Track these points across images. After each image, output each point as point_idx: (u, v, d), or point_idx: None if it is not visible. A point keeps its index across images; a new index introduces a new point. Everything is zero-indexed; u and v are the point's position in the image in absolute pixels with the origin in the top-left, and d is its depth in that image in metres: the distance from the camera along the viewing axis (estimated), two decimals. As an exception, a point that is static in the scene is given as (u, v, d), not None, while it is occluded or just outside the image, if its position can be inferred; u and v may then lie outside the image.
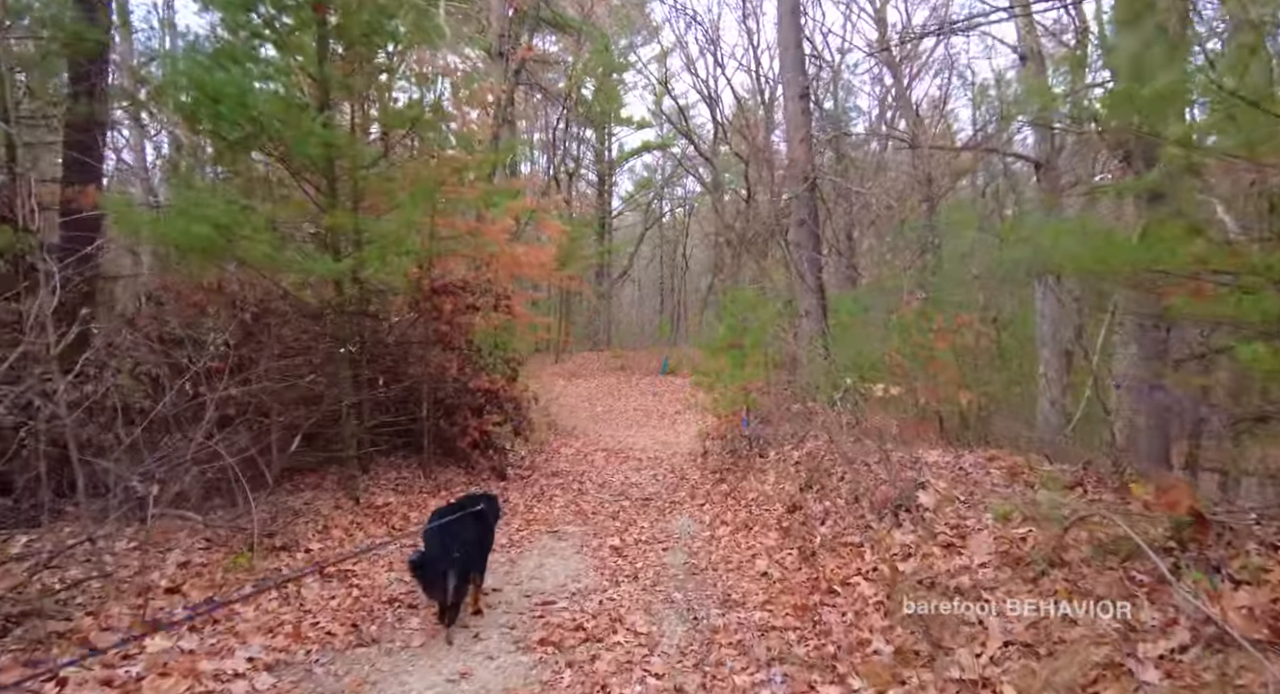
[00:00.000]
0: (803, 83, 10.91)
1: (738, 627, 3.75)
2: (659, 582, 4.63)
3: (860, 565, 4.12)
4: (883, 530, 4.35)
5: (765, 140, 19.00)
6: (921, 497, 4.33)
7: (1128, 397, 6.19)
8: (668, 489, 7.90)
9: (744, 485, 6.95)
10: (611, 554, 5.33)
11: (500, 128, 11.99)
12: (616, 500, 7.36)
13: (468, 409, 7.49)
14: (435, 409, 7.28)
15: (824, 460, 5.95)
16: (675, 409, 15.81)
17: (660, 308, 32.18)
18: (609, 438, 12.76)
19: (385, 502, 6.05)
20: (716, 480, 7.77)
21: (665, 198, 30.59)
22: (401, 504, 6.14)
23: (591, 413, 15.66)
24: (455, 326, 7.27)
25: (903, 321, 6.29)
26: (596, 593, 4.40)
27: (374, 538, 5.27)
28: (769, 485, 6.44)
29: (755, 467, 7.31)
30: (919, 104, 13.92)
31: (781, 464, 6.85)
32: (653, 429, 13.90)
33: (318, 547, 4.86)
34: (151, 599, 3.54)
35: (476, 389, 7.39)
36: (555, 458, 10.13)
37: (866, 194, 10.78)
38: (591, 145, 27.06)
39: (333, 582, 4.29)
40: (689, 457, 10.20)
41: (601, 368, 21.29)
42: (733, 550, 5.22)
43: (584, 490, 7.85)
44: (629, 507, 7.06)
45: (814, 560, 4.52)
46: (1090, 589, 2.74)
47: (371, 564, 4.72)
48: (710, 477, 8.07)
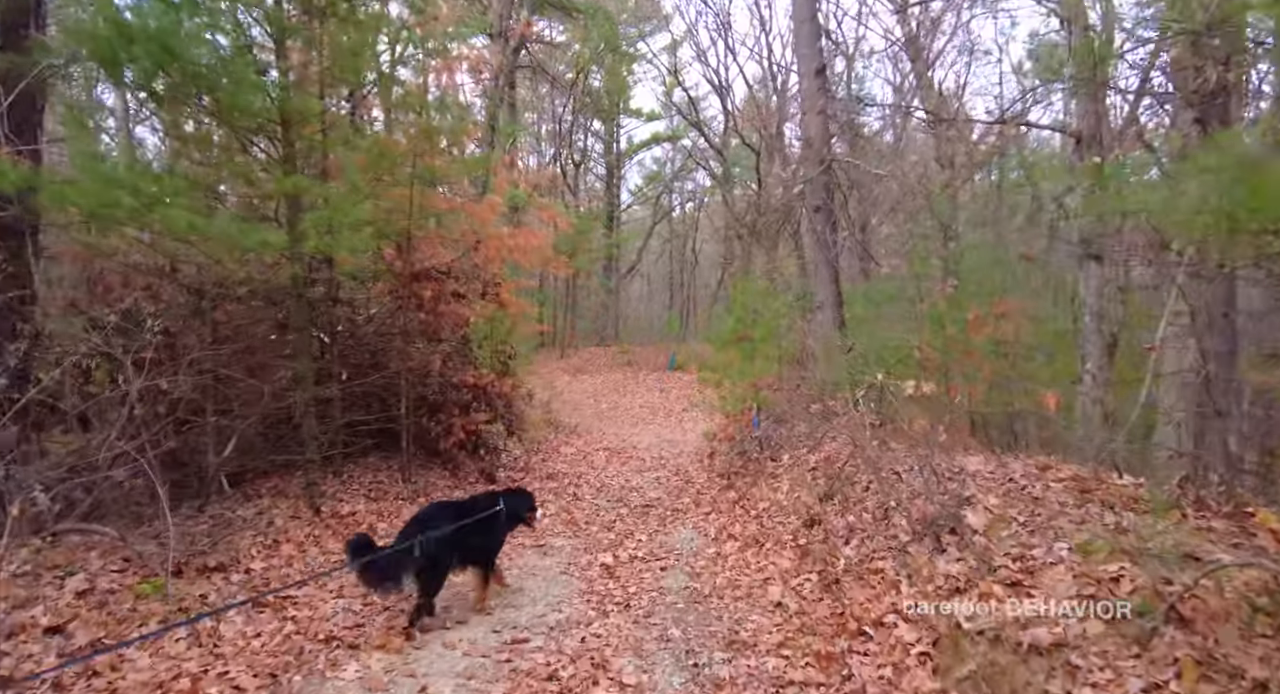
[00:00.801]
0: (819, 59, 10.08)
1: (747, 679, 2.99)
2: (654, 612, 3.88)
3: (896, 600, 3.35)
4: (921, 556, 3.58)
5: (778, 129, 18.15)
6: (969, 516, 3.56)
7: (1189, 395, 5.37)
8: (670, 495, 7.15)
9: (754, 492, 6.18)
10: (602, 575, 4.59)
11: (498, 108, 11.28)
12: (614, 507, 6.62)
13: (453, 406, 6.78)
14: (417, 406, 6.58)
15: (846, 467, 5.17)
16: (682, 406, 15.06)
17: (669, 303, 31.38)
18: (612, 436, 12.03)
19: (352, 511, 5.35)
20: (724, 486, 7.01)
21: (675, 192, 29.77)
22: (371, 513, 5.44)
23: (595, 409, 14.94)
24: (438, 316, 6.55)
25: (935, 311, 5.51)
26: (580, 627, 3.66)
27: (332, 555, 4.57)
28: (782, 494, 5.68)
29: (767, 471, 6.54)
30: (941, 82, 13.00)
31: (796, 469, 6.08)
32: (658, 427, 13.16)
33: (261, 566, 4.16)
34: (22, 642, 2.84)
35: (463, 384, 6.67)
36: (553, 458, 9.41)
37: (887, 176, 9.94)
38: (600, 137, 26.30)
39: (264, 614, 3.58)
40: (695, 457, 9.45)
41: (608, 363, 20.55)
42: (741, 572, 4.47)
43: (579, 496, 7.12)
44: (627, 515, 6.32)
45: (838, 590, 3.76)
46: (1237, 667, 1.97)
47: (319, 587, 4.02)
48: (717, 481, 7.31)
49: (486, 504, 3.93)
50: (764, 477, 6.48)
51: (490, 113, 10.68)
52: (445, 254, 6.73)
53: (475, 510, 3.82)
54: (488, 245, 7.21)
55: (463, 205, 6.76)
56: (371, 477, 6.22)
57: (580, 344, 23.32)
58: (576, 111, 22.60)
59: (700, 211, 30.62)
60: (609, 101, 24.41)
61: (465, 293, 6.61)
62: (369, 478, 6.17)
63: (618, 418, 14.14)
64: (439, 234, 6.84)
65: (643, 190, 29.25)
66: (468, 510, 3.82)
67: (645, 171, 29.82)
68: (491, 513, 3.88)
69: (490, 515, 3.87)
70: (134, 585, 3.55)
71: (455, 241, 6.78)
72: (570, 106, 22.07)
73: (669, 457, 9.70)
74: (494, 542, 4.01)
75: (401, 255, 6.27)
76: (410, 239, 6.26)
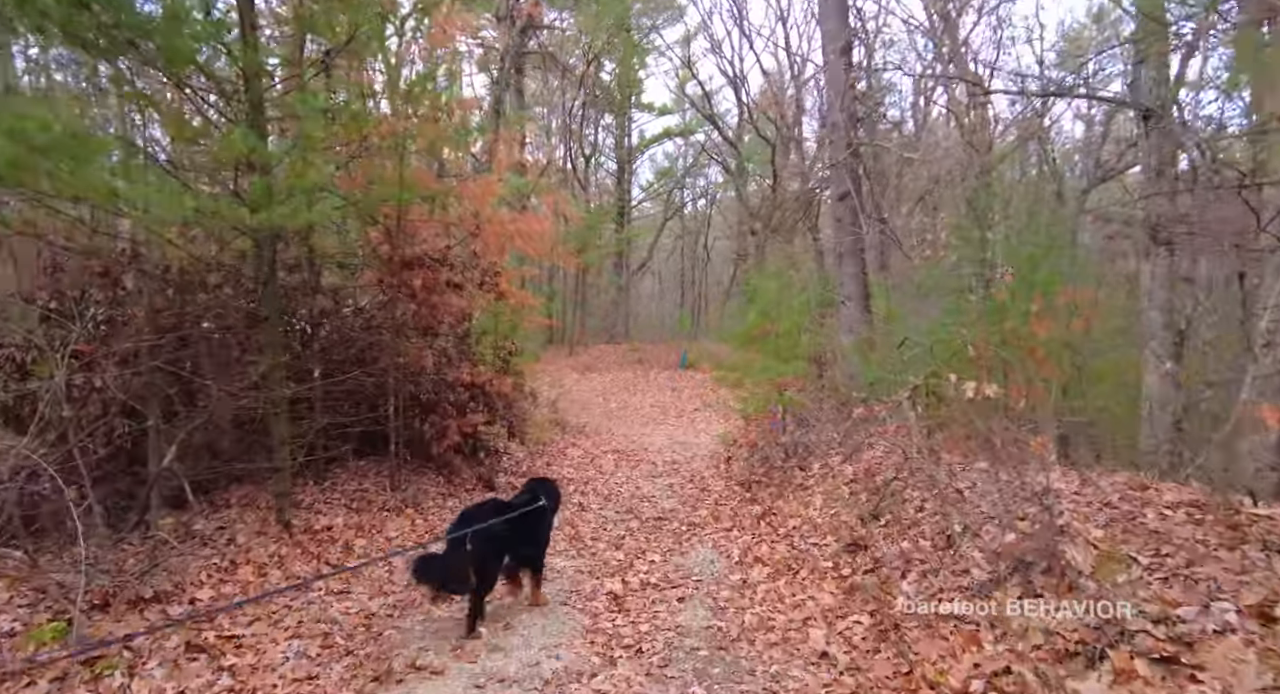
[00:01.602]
0: (845, 35, 9.31)
1: (796, 771, 2.27)
2: (671, 660, 3.17)
3: (979, 659, 2.62)
4: (1006, 598, 2.84)
5: (796, 119, 17.35)
6: (1069, 551, 2.81)
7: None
8: (686, 505, 6.43)
9: (781, 506, 5.46)
10: (609, 606, 3.88)
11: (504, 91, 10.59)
12: (623, 520, 5.92)
13: (448, 406, 6.10)
14: (408, 407, 5.91)
15: (893, 481, 4.43)
16: (694, 406, 14.34)
17: (680, 301, 30.61)
18: (621, 437, 11.33)
19: (328, 525, 4.68)
20: (745, 496, 6.29)
21: (686, 187, 29.00)
22: (350, 527, 4.78)
23: (605, 409, 14.24)
24: (432, 308, 5.87)
25: (992, 302, 4.75)
26: (580, 680, 2.96)
27: (296, 579, 3.90)
28: (815, 510, 4.95)
29: (794, 482, 5.81)
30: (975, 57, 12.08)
31: (830, 481, 5.34)
32: (670, 427, 12.44)
33: (209, 595, 3.49)
34: None
35: (458, 382, 5.99)
36: (559, 461, 8.73)
37: (919, 160, 9.15)
38: (611, 131, 25.55)
39: (199, 659, 2.90)
40: (710, 461, 8.73)
41: (618, 361, 19.83)
42: (774, 607, 3.74)
43: (585, 505, 6.42)
44: (638, 529, 5.61)
45: (898, 639, 3.03)
46: None
47: (272, 625, 3.34)
48: (737, 491, 6.59)
49: (528, 501, 3.80)
50: (791, 488, 5.75)
51: (495, 96, 10.00)
52: (442, 241, 6.04)
53: (516, 508, 3.69)
54: (487, 231, 6.51)
55: (458, 184, 6.06)
56: (356, 484, 5.55)
57: (590, 341, 22.62)
58: (587, 104, 21.88)
59: (712, 208, 29.87)
60: (620, 95, 23.69)
61: (462, 283, 5.93)
62: (353, 486, 5.51)
63: (628, 418, 13.43)
64: (436, 220, 6.16)
65: (654, 186, 28.51)
66: (510, 509, 3.67)
67: (656, 167, 29.12)
68: (537, 507, 3.76)
69: (536, 510, 3.75)
70: (43, 625, 2.89)
71: (453, 227, 6.09)
72: (581, 98, 21.34)
73: (682, 460, 8.99)
74: (544, 537, 3.94)
75: (390, 240, 5.59)
76: (400, 222, 5.58)
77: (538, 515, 3.76)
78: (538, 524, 3.80)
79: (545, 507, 3.83)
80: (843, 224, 9.49)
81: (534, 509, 3.70)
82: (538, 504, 3.76)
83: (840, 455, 5.66)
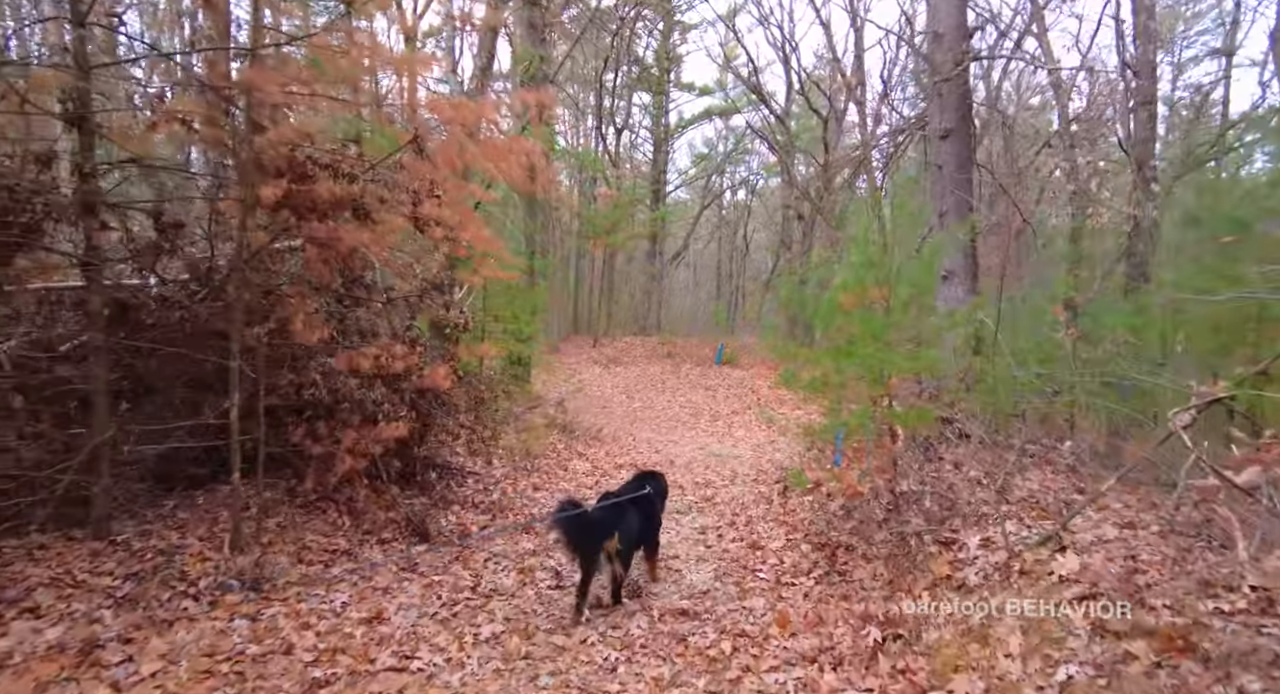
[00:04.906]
0: (961, -89, 6.49)
1: None
2: None
3: None
4: None
5: (860, 83, 14.32)
6: None
7: None
8: (728, 579, 3.79)
9: (908, 611, 2.75)
10: None
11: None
12: (627, 618, 3.31)
13: (351, 411, 3.61)
14: (274, 410, 3.44)
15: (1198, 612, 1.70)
16: (731, 408, 11.66)
17: (715, 293, 27.78)
18: (644, 445, 8.75)
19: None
20: (828, 572, 3.60)
21: (725, 173, 26.09)
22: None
23: (627, 409, 11.64)
24: (316, 245, 3.36)
25: None
26: None
27: None
28: (1014, 657, 2.23)
29: (923, 562, 3.09)
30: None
31: (1017, 579, 2.60)
32: (702, 434, 9.79)
33: None
34: None
35: (355, 371, 3.47)
36: (553, 481, 6.18)
37: (1051, 85, 6.24)
38: (648, 111, 22.88)
39: None
40: (755, 484, 6.11)
41: (646, 355, 17.16)
42: None
43: (568, 572, 3.83)
44: (649, 640, 2.99)
45: None
46: None
47: None
48: (809, 556, 3.90)
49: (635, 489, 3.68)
50: (919, 574, 3.04)
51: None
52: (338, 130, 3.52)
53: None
54: (441, 146, 3.93)
55: (366, 47, 3.47)
56: (157, 540, 3.10)
57: (617, 332, 20.01)
58: (619, 68, 19.29)
59: (753, 196, 26.92)
60: (659, 71, 21.00)
61: (368, 205, 3.37)
62: (152, 544, 3.05)
63: (653, 420, 10.82)
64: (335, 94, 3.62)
65: (690, 172, 25.72)
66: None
67: (694, 152, 26.33)
68: (645, 494, 3.60)
69: (645, 496, 3.59)
70: None
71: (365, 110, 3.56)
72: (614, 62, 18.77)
73: (718, 482, 6.36)
74: (658, 522, 3.78)
75: (253, 131, 3.08)
76: (262, 100, 3.06)
77: (648, 503, 3.61)
78: (651, 511, 3.65)
79: (653, 494, 3.66)
80: (945, 173, 6.70)
81: (642, 495, 3.57)
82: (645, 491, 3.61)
83: (1016, 525, 2.91)
